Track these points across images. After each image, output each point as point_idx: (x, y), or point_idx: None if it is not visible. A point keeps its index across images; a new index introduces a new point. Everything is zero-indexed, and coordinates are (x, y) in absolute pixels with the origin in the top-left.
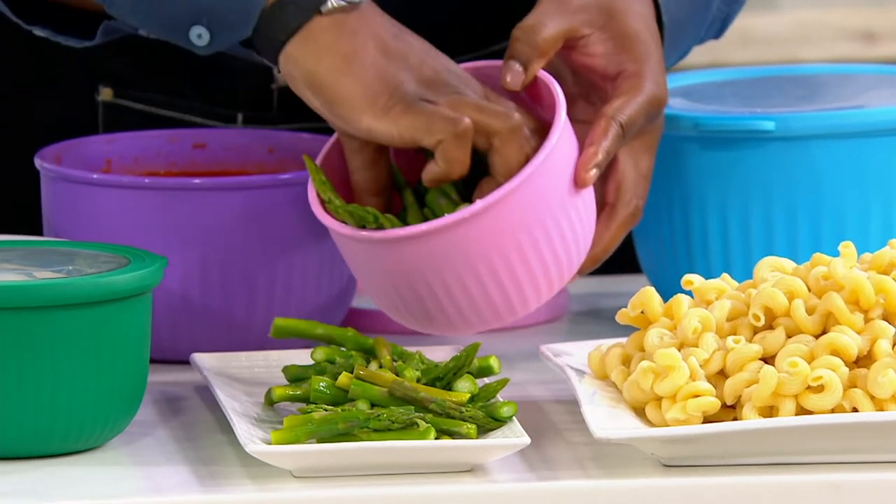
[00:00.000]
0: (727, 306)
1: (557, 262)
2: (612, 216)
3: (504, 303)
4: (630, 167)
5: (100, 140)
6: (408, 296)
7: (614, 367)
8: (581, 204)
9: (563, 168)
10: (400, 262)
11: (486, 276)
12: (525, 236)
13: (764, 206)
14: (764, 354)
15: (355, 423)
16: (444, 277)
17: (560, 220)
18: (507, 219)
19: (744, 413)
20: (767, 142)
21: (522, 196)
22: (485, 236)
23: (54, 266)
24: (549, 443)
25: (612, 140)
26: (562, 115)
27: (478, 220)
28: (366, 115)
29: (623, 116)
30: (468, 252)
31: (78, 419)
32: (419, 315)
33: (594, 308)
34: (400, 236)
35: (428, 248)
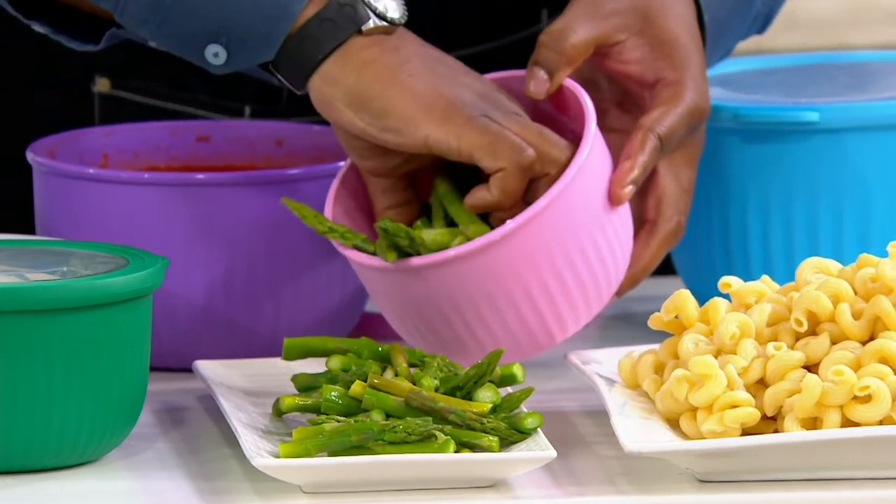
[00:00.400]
0: (767, 310)
1: (595, 282)
2: (652, 233)
3: (541, 329)
4: (671, 181)
5: (97, 132)
6: (438, 326)
7: (646, 376)
8: (617, 221)
9: (596, 184)
10: (426, 290)
11: (520, 300)
12: (558, 257)
13: (808, 203)
14: (807, 362)
15: (369, 436)
16: (473, 304)
17: (596, 239)
18: (538, 240)
19: (785, 425)
20: (812, 134)
21: (553, 215)
22: (514, 259)
23: (48, 267)
24: (577, 456)
25: (649, 154)
26: (591, 128)
27: (506, 242)
28: (424, 124)
29: (662, 128)
30: (498, 276)
31: (73, 431)
32: (451, 345)
33: (625, 312)
34: (426, 264)
35: (455, 275)
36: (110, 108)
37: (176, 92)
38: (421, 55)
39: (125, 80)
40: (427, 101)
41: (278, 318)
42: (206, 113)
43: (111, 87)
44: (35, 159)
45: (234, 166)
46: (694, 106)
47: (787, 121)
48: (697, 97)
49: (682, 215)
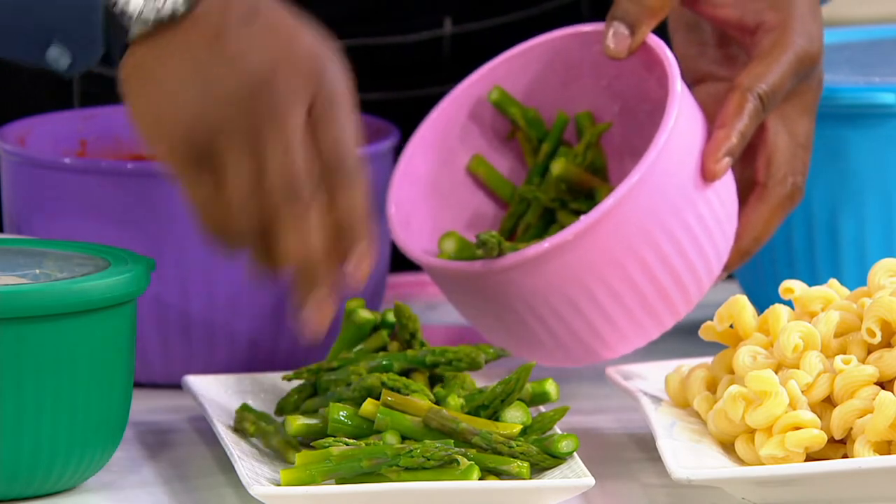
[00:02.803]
0: (835, 319)
1: (690, 268)
2: (763, 199)
3: (632, 325)
4: (783, 137)
5: (73, 116)
6: (517, 327)
7: (697, 393)
8: (714, 198)
9: (686, 159)
10: (505, 293)
11: (604, 298)
12: (645, 247)
13: (882, 197)
14: (880, 378)
15: (382, 461)
16: (549, 308)
17: (688, 220)
18: (622, 231)
19: (855, 449)
20: (887, 118)
21: (637, 200)
22: (596, 255)
23: (18, 269)
24: (618, 484)
25: (748, 118)
26: (676, 89)
27: (585, 239)
28: None
29: (763, 86)
30: (578, 276)
31: (47, 456)
32: (533, 346)
33: None
34: (504, 266)
35: (534, 277)
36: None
37: None
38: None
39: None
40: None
41: (280, 328)
42: None
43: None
44: (3, 147)
45: None
46: (802, 52)
47: (860, 103)
48: (805, 41)
49: (798, 175)
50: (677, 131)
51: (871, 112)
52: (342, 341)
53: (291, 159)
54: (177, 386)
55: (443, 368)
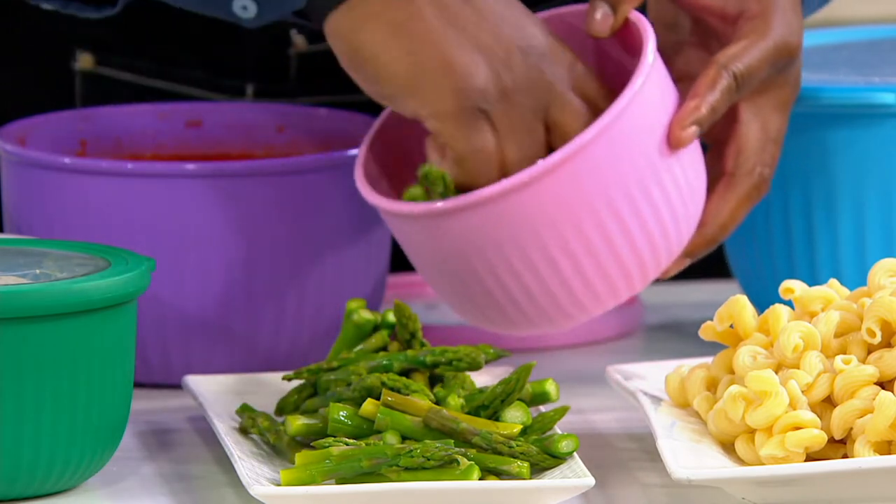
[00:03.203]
0: (835, 319)
1: (649, 239)
2: (729, 187)
3: (584, 290)
4: (755, 128)
5: (73, 116)
6: (468, 281)
7: (697, 393)
8: (678, 170)
9: (653, 123)
10: (453, 239)
11: (556, 253)
12: (601, 205)
13: (881, 196)
14: (880, 378)
15: (382, 460)
16: (502, 256)
17: (650, 188)
18: (579, 183)
19: (855, 449)
20: (887, 118)
21: (595, 155)
22: (547, 206)
23: (18, 269)
24: (618, 484)
25: (720, 93)
26: (648, 58)
27: (540, 184)
28: (411, 98)
29: (739, 65)
30: (529, 225)
31: (47, 456)
32: (483, 306)
33: (672, 321)
34: (452, 207)
35: (482, 221)
36: (93, 87)
37: (168, 68)
38: (440, 3)
39: (111, 55)
40: (422, 69)
41: (279, 328)
42: (202, 92)
43: (95, 64)
44: (3, 147)
45: (228, 155)
46: (781, 41)
47: (859, 103)
48: (785, 31)
49: (766, 167)
50: (644, 95)
51: (871, 112)
52: (342, 341)
53: None
54: (177, 386)
55: (443, 368)
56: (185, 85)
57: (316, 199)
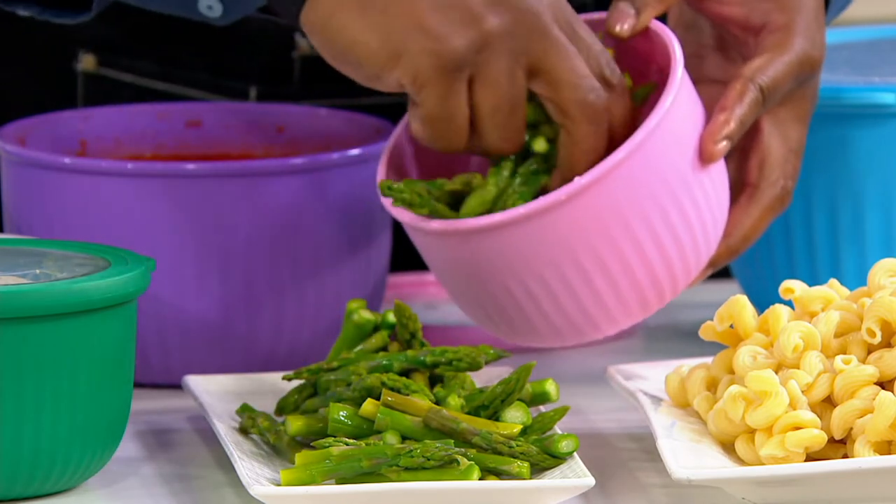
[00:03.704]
0: (835, 319)
1: (681, 252)
2: (753, 199)
3: (617, 304)
4: (777, 140)
5: (73, 116)
6: (499, 298)
7: (697, 393)
8: (708, 183)
9: (684, 138)
10: (484, 258)
11: (592, 269)
12: (635, 222)
13: (881, 196)
14: (880, 378)
15: (382, 461)
16: (533, 275)
17: (681, 202)
18: (609, 201)
19: (855, 449)
20: (887, 119)
21: (628, 173)
22: (581, 223)
23: (18, 269)
24: (618, 484)
25: (748, 106)
26: (678, 72)
27: (574, 203)
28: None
29: (764, 78)
30: (563, 242)
31: (47, 456)
32: (501, 321)
33: (672, 321)
34: (483, 226)
35: (515, 240)
36: (95, 89)
37: (171, 70)
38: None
39: (113, 56)
40: (397, 39)
41: (279, 329)
42: (205, 94)
43: (97, 65)
44: (3, 147)
45: (228, 155)
46: (804, 55)
47: (860, 103)
48: (808, 45)
49: (789, 179)
50: (675, 110)
51: (871, 112)
52: (342, 341)
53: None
54: (177, 386)
55: (443, 368)
56: (188, 87)
57: (316, 199)
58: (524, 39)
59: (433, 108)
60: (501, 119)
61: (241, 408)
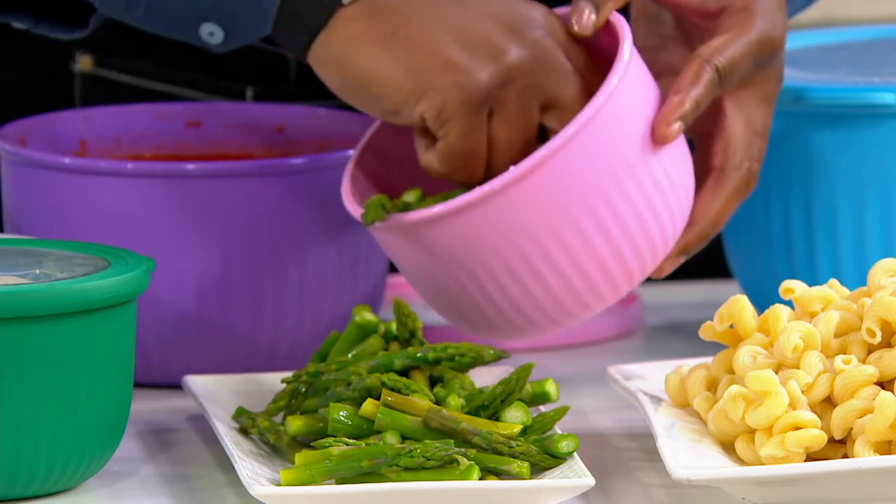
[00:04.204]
0: (835, 319)
1: (631, 241)
2: (719, 183)
3: (567, 296)
4: (740, 123)
5: (73, 116)
6: (452, 291)
7: (697, 393)
8: (661, 168)
9: (632, 121)
10: (432, 250)
11: (538, 259)
12: (580, 209)
13: (881, 197)
14: (880, 378)
15: (382, 461)
16: (481, 265)
17: (629, 189)
18: (554, 187)
19: (855, 449)
20: (887, 119)
21: (573, 157)
22: (527, 210)
23: (18, 269)
24: (618, 484)
25: (704, 87)
26: (625, 55)
27: (514, 190)
28: (419, 106)
29: (721, 59)
30: (509, 231)
31: (46, 456)
32: (471, 316)
33: (672, 321)
34: (425, 217)
35: (456, 230)
36: (93, 89)
37: (168, 71)
38: (421, 7)
39: (111, 57)
40: (424, 73)
41: (280, 328)
42: (202, 95)
43: (94, 66)
44: (3, 147)
45: (228, 155)
46: (763, 35)
47: (859, 103)
48: (768, 25)
49: (754, 161)
50: (622, 92)
51: (871, 112)
52: (345, 341)
53: None
54: (177, 386)
55: (445, 364)
56: (185, 88)
57: (316, 199)
58: (542, 75)
59: (456, 142)
60: (515, 154)
61: (237, 411)
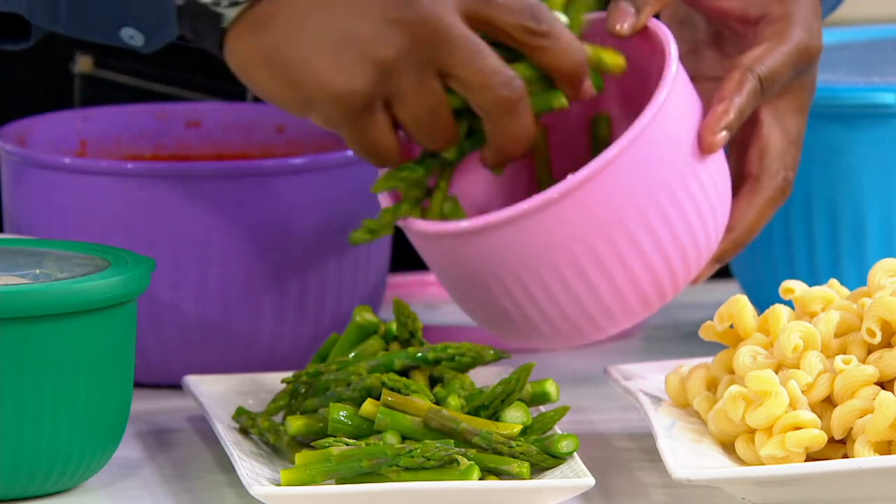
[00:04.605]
0: (835, 319)
1: (680, 249)
2: (755, 191)
3: (617, 303)
4: (776, 132)
5: (73, 116)
6: (498, 300)
7: (697, 393)
8: (707, 177)
9: (680, 132)
10: (480, 260)
11: (589, 268)
12: (632, 218)
13: (881, 197)
14: (880, 378)
15: (382, 461)
16: (531, 275)
17: (679, 197)
18: (607, 198)
19: (855, 449)
20: (887, 119)
21: (623, 168)
22: (579, 221)
23: (18, 269)
24: (618, 484)
25: (747, 96)
26: (672, 68)
27: (566, 202)
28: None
29: (763, 68)
30: (560, 242)
31: (46, 456)
32: (502, 323)
33: (673, 321)
34: (475, 228)
35: (503, 242)
36: (92, 90)
37: (168, 72)
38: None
39: (110, 58)
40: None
41: (280, 328)
42: (202, 96)
43: (94, 67)
44: (3, 147)
45: (228, 155)
46: (802, 45)
47: (860, 103)
48: (806, 35)
49: (789, 170)
50: (670, 105)
51: (871, 112)
52: (345, 342)
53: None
54: (177, 386)
55: (445, 364)
56: (185, 88)
57: (315, 199)
58: (426, 50)
59: (355, 143)
60: (427, 127)
61: (237, 411)
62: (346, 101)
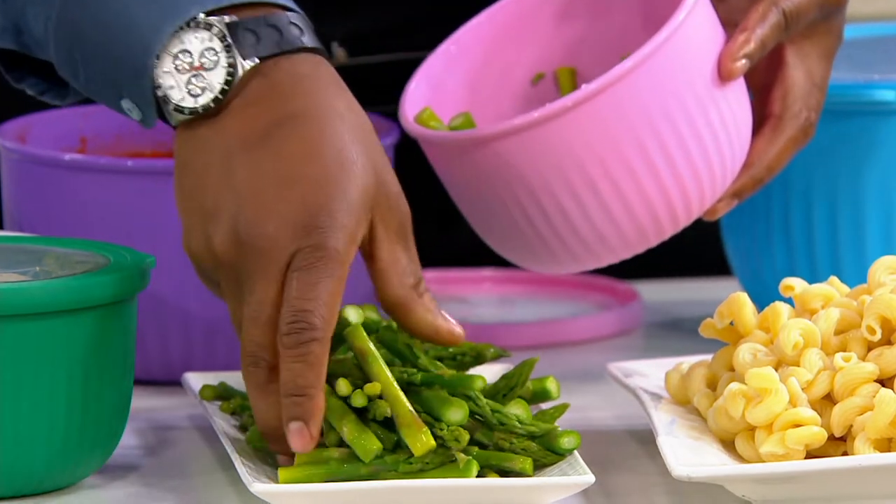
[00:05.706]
0: (835, 317)
1: (694, 173)
2: (777, 129)
3: (628, 223)
4: (801, 73)
5: (73, 113)
6: (512, 213)
7: (697, 391)
8: (725, 105)
9: (699, 55)
10: (494, 169)
11: (600, 181)
12: (646, 134)
13: (881, 193)
14: (880, 375)
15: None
16: (543, 185)
17: (695, 120)
18: (621, 111)
19: (855, 446)
20: (887, 116)
21: (636, 83)
22: (592, 132)
23: (18, 267)
24: (618, 481)
25: (770, 28)
26: None
27: (580, 111)
28: None
29: (788, 3)
30: (573, 152)
31: (46, 453)
32: (516, 242)
33: (672, 318)
34: (488, 135)
35: (516, 150)
36: None
37: None
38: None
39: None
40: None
41: None
42: None
43: None
44: (3, 144)
45: None
46: None
47: (859, 100)
48: None
49: (812, 111)
50: (689, 25)
51: (871, 109)
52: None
53: (258, 316)
54: (177, 383)
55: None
56: None
57: None
58: None
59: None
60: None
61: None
62: (197, 266)
